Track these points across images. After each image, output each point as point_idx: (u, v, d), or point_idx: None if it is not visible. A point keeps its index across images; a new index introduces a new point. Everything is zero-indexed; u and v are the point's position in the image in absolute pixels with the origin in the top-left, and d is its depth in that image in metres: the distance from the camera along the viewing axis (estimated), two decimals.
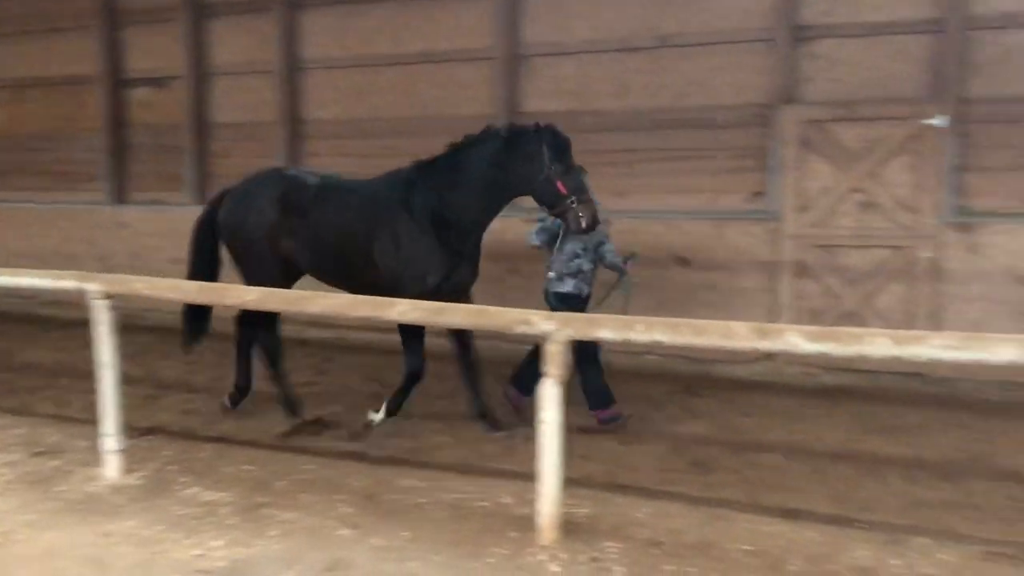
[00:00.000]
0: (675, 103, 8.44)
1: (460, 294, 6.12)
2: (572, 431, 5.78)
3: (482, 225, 6.14)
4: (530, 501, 4.48)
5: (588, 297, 6.36)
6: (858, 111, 7.60)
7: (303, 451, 5.79)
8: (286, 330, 6.85)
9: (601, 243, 6.29)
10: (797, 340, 3.85)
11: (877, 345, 3.70)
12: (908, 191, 7.51)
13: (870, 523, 4.62)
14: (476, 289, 6.33)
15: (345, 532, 4.50)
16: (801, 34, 7.95)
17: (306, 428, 6.29)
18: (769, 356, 7.71)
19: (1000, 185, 7.48)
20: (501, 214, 6.19)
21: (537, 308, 4.69)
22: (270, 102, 10.12)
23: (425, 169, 6.13)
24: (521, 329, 4.43)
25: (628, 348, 6.24)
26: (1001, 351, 3.53)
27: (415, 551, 4.29)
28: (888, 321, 7.51)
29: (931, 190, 7.46)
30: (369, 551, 4.28)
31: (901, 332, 3.73)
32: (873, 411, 6.70)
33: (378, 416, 6.10)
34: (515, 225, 7.64)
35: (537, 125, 5.91)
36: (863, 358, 3.84)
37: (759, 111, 8.10)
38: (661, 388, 7.33)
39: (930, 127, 7.44)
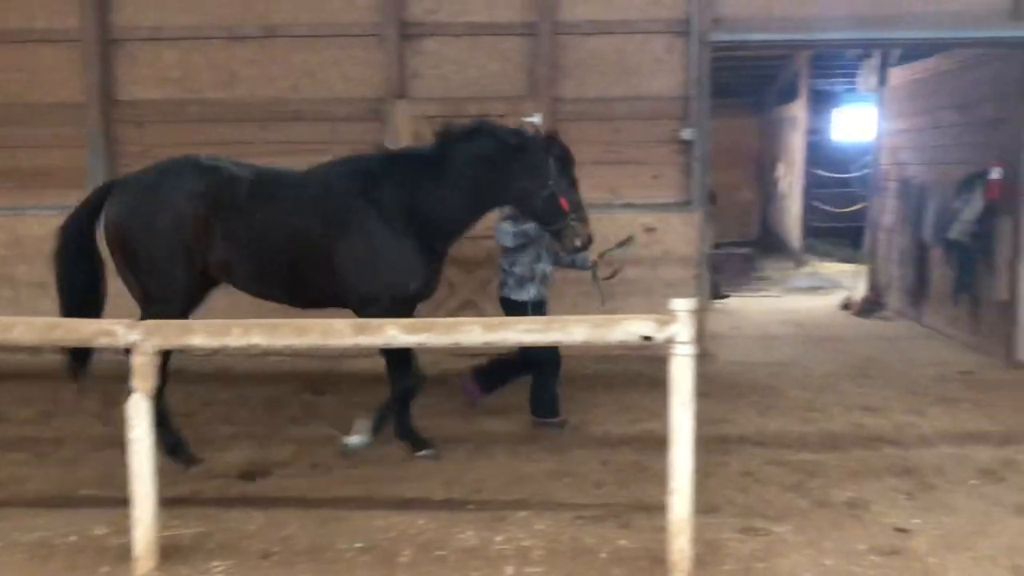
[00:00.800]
0: (288, 95, 8.22)
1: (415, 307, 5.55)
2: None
3: (461, 231, 5.51)
4: (127, 529, 4.08)
5: (546, 301, 6.09)
6: (464, 108, 7.91)
7: None
8: None
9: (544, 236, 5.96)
10: (396, 333, 3.87)
11: (470, 333, 3.83)
12: None
13: (478, 503, 4.82)
14: None
15: None
16: (409, 31, 8.11)
17: None
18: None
19: (590, 177, 8.16)
20: None
21: None
22: None
23: (394, 160, 5.43)
24: (103, 341, 4.01)
25: (249, 351, 5.93)
26: (575, 332, 3.82)
27: None
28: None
29: None
30: None
31: (490, 319, 3.91)
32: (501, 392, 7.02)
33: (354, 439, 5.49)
34: None
35: (550, 135, 5.56)
36: (459, 346, 3.96)
37: (372, 105, 8.15)
38: (284, 389, 7.13)
39: (529, 124, 7.95)
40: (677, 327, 3.80)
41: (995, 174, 8.28)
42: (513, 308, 5.97)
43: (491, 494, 4.96)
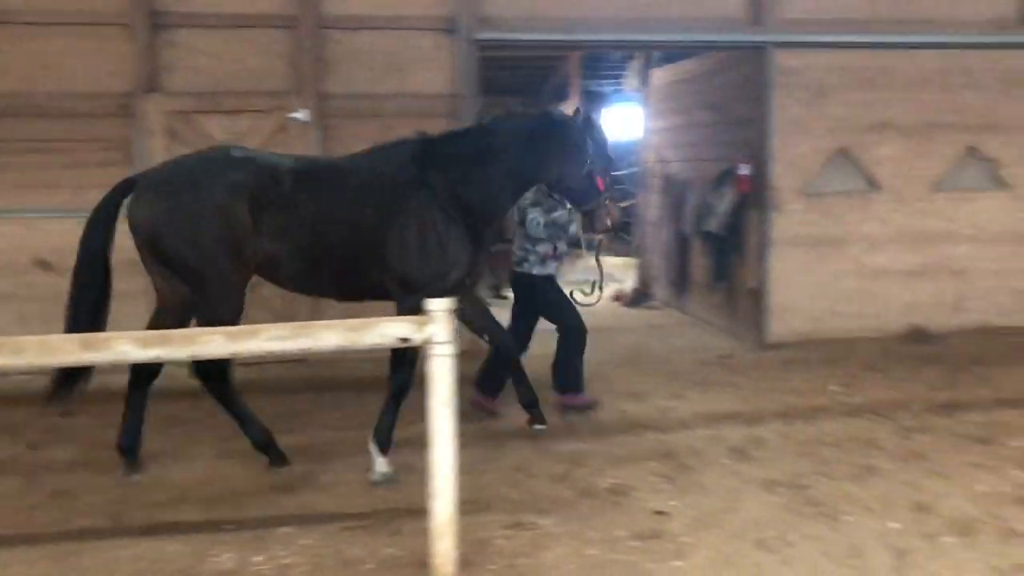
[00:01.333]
0: (22, 88, 7.49)
1: (469, 291, 5.48)
2: None
3: (503, 214, 5.57)
4: None
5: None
6: (222, 103, 7.54)
7: None
8: None
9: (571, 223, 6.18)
10: (127, 348, 3.55)
11: (210, 344, 3.59)
12: None
13: (238, 522, 4.54)
14: None
15: None
16: (160, 20, 7.61)
17: None
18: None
19: None
20: None
21: None
22: None
23: (439, 144, 5.28)
24: None
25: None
26: (326, 337, 3.67)
27: None
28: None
29: None
30: None
31: (234, 328, 3.68)
32: (260, 403, 6.67)
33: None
34: None
35: (586, 115, 5.54)
36: (195, 357, 3.70)
37: (121, 100, 7.57)
38: (23, 412, 6.44)
39: (295, 120, 7.69)
40: (434, 327, 3.73)
41: (744, 170, 8.88)
42: (534, 281, 6.27)
43: (252, 511, 4.70)
